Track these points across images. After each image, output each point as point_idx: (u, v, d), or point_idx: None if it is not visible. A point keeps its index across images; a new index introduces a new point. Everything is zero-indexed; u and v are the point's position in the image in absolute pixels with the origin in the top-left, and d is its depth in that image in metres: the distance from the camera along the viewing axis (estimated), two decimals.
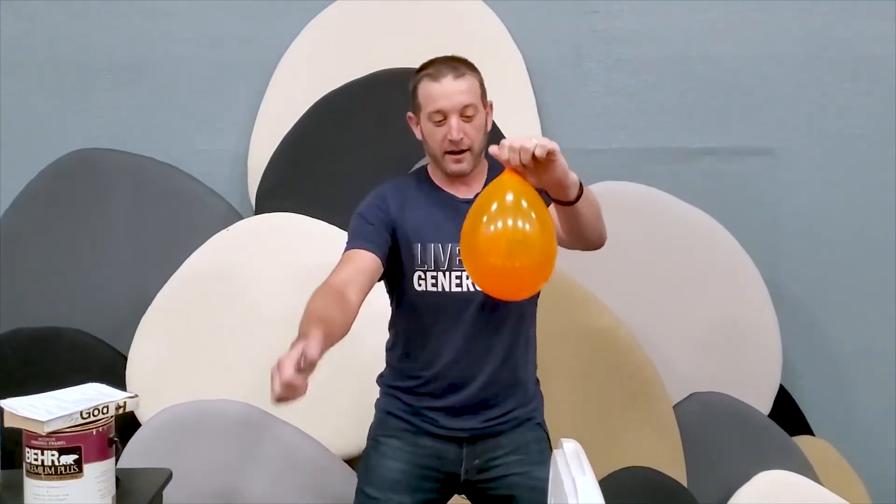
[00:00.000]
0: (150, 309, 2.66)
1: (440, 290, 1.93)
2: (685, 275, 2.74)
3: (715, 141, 2.98)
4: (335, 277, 1.83)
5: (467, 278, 1.90)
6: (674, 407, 2.65)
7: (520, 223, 1.53)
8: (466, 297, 1.91)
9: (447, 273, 1.93)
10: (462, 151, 1.89)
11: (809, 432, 2.89)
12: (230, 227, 2.71)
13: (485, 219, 1.54)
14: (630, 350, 2.57)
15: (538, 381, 2.09)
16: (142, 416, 2.51)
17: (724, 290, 2.75)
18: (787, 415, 2.84)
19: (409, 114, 1.97)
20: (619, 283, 2.70)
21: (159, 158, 2.94)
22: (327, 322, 1.63)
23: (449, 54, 1.95)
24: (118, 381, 2.58)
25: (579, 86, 3.00)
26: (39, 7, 2.99)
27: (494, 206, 1.55)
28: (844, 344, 2.99)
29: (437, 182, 1.99)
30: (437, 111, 1.87)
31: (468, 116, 1.88)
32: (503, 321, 1.94)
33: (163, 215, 2.86)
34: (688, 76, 2.99)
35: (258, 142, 2.92)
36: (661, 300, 2.73)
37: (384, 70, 2.82)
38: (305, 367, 1.47)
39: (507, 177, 1.59)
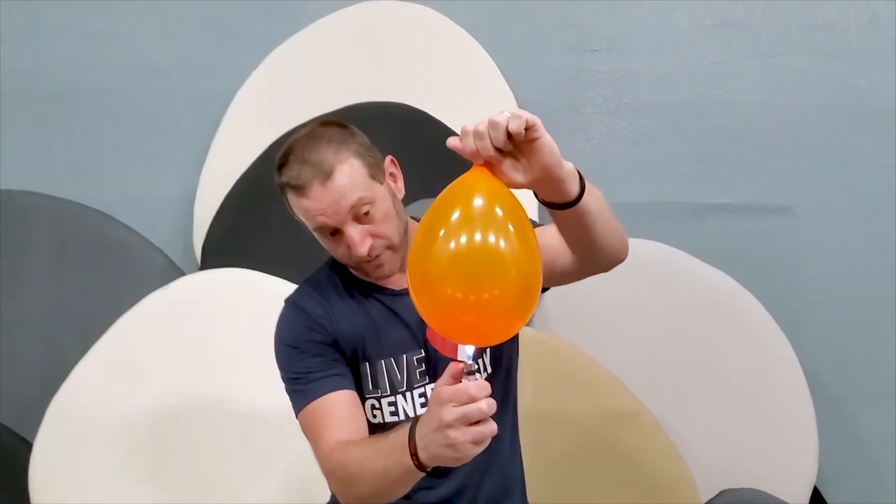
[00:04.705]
0: (64, 386, 2.11)
1: (403, 417, 1.44)
2: (709, 348, 2.28)
3: (728, 196, 2.57)
4: (335, 438, 1.33)
5: (432, 390, 1.39)
6: None
7: (491, 238, 1.03)
8: None
9: (408, 394, 1.45)
10: (378, 255, 1.39)
11: None
12: (168, 286, 2.19)
13: (442, 232, 1.04)
14: (656, 440, 2.09)
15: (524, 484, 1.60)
16: None
17: (753, 367, 2.29)
18: None
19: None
20: (635, 356, 2.24)
21: (90, 204, 2.46)
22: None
23: (303, 135, 1.39)
24: (20, 475, 2.06)
25: (577, 132, 2.56)
26: None
27: (456, 215, 1.05)
28: (879, 434, 2.53)
29: (358, 275, 1.46)
30: (322, 227, 1.37)
31: (365, 213, 1.36)
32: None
33: (90, 272, 2.36)
34: (697, 124, 2.57)
35: (207, 187, 2.45)
36: (683, 376, 2.26)
37: (355, 105, 2.36)
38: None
39: (474, 175, 1.09)
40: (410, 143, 2.17)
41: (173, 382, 2.08)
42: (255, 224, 2.31)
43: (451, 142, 1.09)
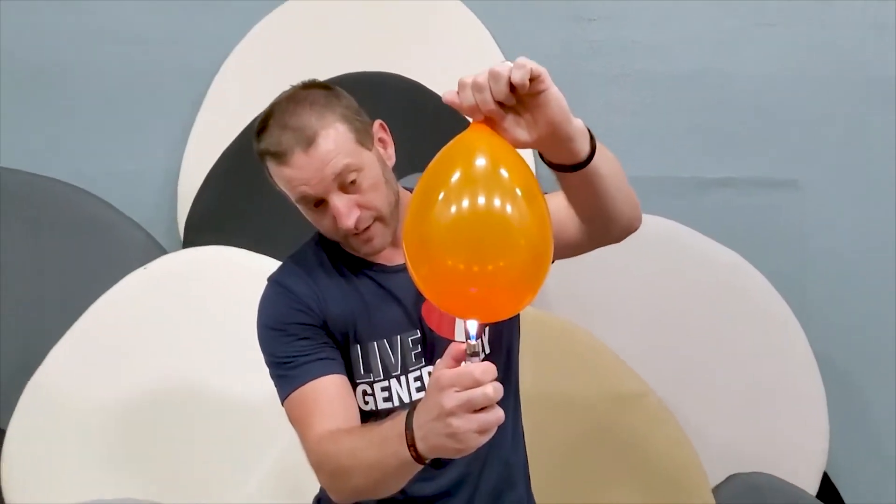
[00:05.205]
0: (39, 371, 1.98)
1: (397, 403, 1.32)
2: (715, 327, 2.16)
3: (732, 171, 2.45)
4: (324, 427, 1.21)
5: (429, 373, 1.28)
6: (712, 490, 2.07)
7: (496, 202, 0.92)
8: None
9: (403, 378, 1.33)
10: (367, 228, 1.26)
11: None
12: (147, 265, 2.05)
13: (441, 195, 0.93)
14: (662, 423, 1.97)
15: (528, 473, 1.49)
16: None
17: (761, 346, 2.17)
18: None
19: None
20: (639, 335, 2.13)
21: (69, 181, 2.32)
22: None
23: (284, 98, 1.27)
24: None
25: (575, 104, 2.27)
26: None
27: (456, 177, 0.94)
28: (891, 415, 2.42)
29: (347, 250, 1.34)
30: (305, 197, 1.24)
31: (352, 182, 1.23)
32: None
33: (70, 251, 2.21)
34: (700, 95, 2.45)
35: (191, 163, 2.32)
36: (688, 356, 2.15)
37: (344, 75, 2.21)
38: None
39: (474, 133, 0.97)
40: (403, 115, 2.05)
41: (154, 367, 1.96)
42: (240, 200, 2.18)
43: (448, 96, 0.97)
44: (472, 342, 0.96)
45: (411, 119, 2.08)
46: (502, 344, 1.37)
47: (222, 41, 2.34)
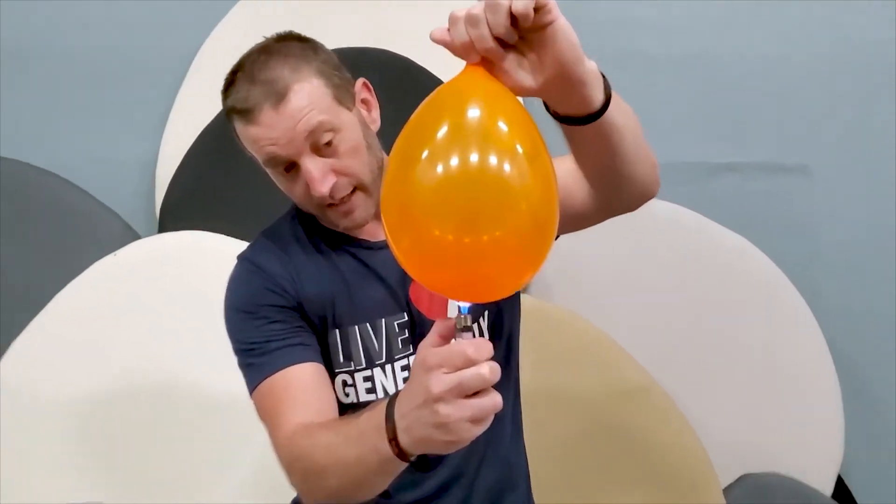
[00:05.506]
0: (1, 363, 1.85)
1: (381, 395, 1.18)
2: (725, 317, 2.05)
3: (739, 155, 2.35)
4: (296, 421, 1.07)
5: None
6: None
7: (493, 160, 0.76)
8: None
9: (388, 367, 1.19)
10: (347, 199, 1.13)
11: None
12: (117, 252, 1.93)
13: (425, 153, 0.78)
14: (670, 419, 1.85)
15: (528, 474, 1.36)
16: None
17: (772, 337, 2.06)
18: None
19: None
20: (645, 326, 2.01)
21: (44, 166, 2.21)
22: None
23: (256, 49, 1.13)
24: None
25: None
26: None
27: (444, 130, 0.78)
28: None
29: (326, 224, 1.21)
30: (273, 159, 1.10)
31: (327, 143, 1.10)
32: None
33: (41, 239, 2.10)
34: (705, 77, 2.34)
35: (169, 148, 2.21)
36: (696, 348, 2.03)
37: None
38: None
39: (467, 77, 0.82)
40: (391, 91, 1.91)
41: (123, 360, 1.83)
42: (217, 183, 2.06)
43: (437, 34, 0.82)
44: (463, 314, 0.82)
45: (399, 94, 1.95)
46: (503, 330, 1.24)
47: (199, 25, 2.24)
